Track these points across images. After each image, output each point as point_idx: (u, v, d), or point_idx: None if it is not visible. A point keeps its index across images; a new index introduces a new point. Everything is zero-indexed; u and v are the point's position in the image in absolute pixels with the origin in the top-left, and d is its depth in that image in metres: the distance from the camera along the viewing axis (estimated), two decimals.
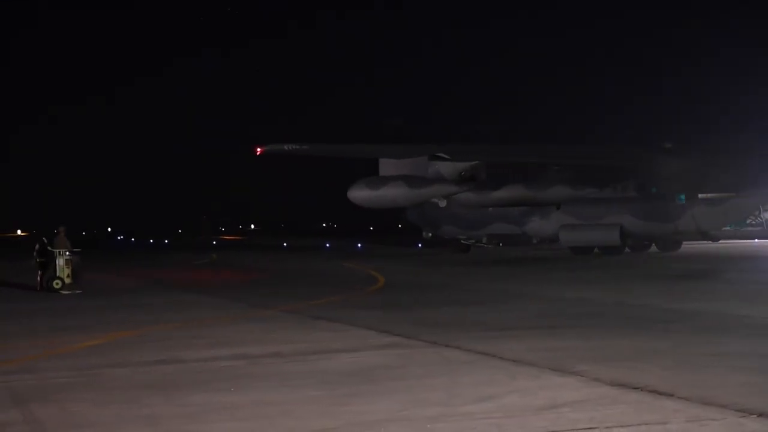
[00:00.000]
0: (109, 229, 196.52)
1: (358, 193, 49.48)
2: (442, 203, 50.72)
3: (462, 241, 59.15)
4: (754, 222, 55.06)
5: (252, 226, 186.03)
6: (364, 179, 49.79)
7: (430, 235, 61.21)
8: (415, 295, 26.23)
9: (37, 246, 32.09)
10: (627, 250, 51.58)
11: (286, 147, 48.97)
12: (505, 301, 23.46)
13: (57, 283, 30.17)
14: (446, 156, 49.54)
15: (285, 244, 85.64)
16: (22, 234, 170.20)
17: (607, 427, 8.98)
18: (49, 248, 31.31)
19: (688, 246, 53.25)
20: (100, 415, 10.22)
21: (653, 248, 52.80)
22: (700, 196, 48.84)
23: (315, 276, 38.72)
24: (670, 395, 10.43)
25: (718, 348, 14.13)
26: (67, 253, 30.78)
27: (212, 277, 40.29)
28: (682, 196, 49.11)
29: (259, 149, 48.30)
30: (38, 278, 31.64)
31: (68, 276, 30.43)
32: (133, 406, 10.65)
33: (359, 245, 68.23)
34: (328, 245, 75.44)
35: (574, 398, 10.40)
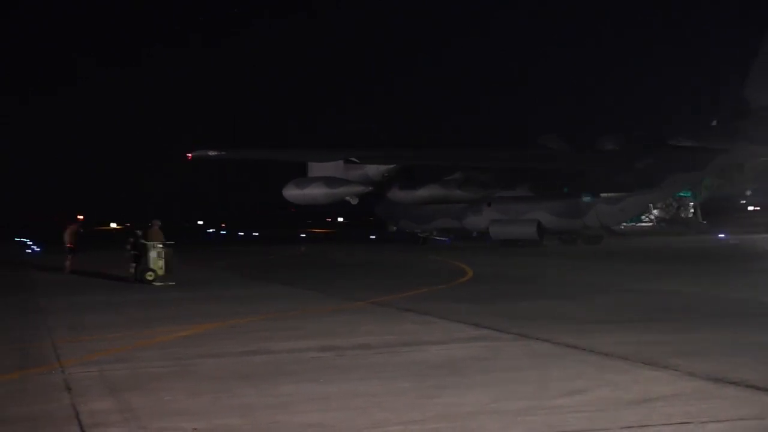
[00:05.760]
0: (200, 222, 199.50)
1: (289, 192, 54.92)
2: (354, 201, 55.85)
3: (419, 234, 65.13)
4: (646, 219, 58.84)
5: (340, 219, 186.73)
6: (295, 180, 55.08)
7: (394, 228, 67.99)
8: (503, 288, 26.09)
9: (131, 239, 32.83)
10: (557, 242, 57.80)
11: (209, 153, 54.01)
12: (592, 294, 23.21)
13: (150, 275, 30.77)
14: (356, 160, 54.67)
15: (373, 237, 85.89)
16: (117, 227, 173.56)
17: (702, 422, 8.79)
18: (142, 241, 31.97)
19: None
20: (192, 404, 10.39)
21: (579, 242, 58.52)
22: (602, 195, 54.21)
23: (404, 268, 38.77)
24: (767, 390, 10.17)
25: None
26: (160, 245, 31.35)
27: (300, 269, 40.63)
28: (587, 195, 54.53)
29: (189, 155, 52.36)
30: (132, 270, 32.37)
31: (161, 268, 30.97)
32: (224, 395, 10.80)
33: (446, 239, 68.03)
34: None
35: (667, 392, 10.21)
